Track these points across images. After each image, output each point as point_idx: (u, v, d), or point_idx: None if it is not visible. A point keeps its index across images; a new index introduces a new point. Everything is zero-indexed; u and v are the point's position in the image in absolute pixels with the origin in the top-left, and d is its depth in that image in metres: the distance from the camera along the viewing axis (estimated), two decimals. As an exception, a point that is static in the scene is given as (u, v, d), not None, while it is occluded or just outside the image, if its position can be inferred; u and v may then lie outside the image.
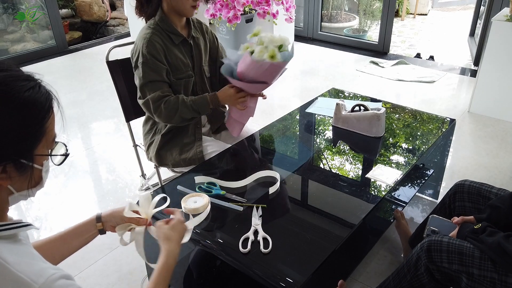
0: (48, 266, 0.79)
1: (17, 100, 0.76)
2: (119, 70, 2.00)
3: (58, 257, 1.09)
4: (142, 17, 1.82)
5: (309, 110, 2.25)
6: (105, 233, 1.16)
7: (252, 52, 1.56)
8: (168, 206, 1.22)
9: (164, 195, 1.30)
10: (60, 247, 1.10)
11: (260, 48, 1.53)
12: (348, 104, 2.05)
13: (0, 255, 0.74)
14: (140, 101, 1.76)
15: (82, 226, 1.14)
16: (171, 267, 1.05)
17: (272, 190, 1.54)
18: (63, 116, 0.85)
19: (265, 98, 1.86)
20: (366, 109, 1.94)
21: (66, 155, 0.87)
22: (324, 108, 2.25)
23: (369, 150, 1.91)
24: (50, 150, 0.85)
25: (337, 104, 1.97)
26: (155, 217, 1.22)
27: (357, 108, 1.96)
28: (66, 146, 0.88)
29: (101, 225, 1.14)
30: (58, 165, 0.87)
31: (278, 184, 1.56)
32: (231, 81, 1.70)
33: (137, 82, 1.75)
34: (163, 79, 1.73)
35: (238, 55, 1.64)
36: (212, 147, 1.88)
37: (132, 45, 1.80)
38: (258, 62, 1.53)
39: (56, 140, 0.86)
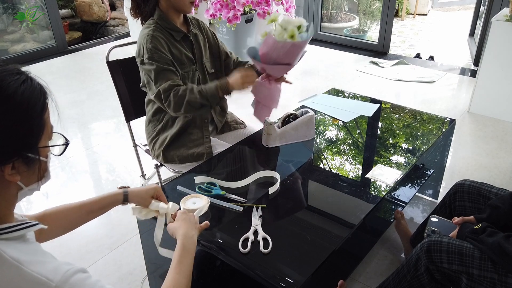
0: (62, 263, 0.79)
1: (16, 95, 0.75)
2: (119, 70, 2.01)
3: (74, 225, 1.16)
4: (138, 18, 1.81)
5: (303, 103, 2.25)
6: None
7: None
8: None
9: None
10: (77, 216, 1.16)
11: (280, 31, 1.57)
12: (323, 107, 2.01)
13: (12, 256, 0.73)
14: (152, 96, 1.72)
15: (106, 199, 1.24)
16: (190, 251, 1.07)
17: (272, 190, 1.54)
18: (57, 107, 0.85)
19: (291, 84, 1.87)
20: (295, 116, 1.89)
21: (66, 144, 0.88)
22: (320, 104, 2.25)
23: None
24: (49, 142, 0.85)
25: (270, 124, 1.82)
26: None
27: (287, 119, 1.89)
28: (63, 136, 0.88)
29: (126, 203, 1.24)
30: (59, 155, 0.88)
31: (278, 184, 1.56)
32: (255, 63, 1.71)
33: (147, 77, 1.72)
34: (171, 68, 1.70)
35: (260, 40, 1.66)
36: (217, 146, 1.89)
37: (136, 47, 1.78)
38: (279, 43, 1.56)
39: (53, 131, 0.86)
